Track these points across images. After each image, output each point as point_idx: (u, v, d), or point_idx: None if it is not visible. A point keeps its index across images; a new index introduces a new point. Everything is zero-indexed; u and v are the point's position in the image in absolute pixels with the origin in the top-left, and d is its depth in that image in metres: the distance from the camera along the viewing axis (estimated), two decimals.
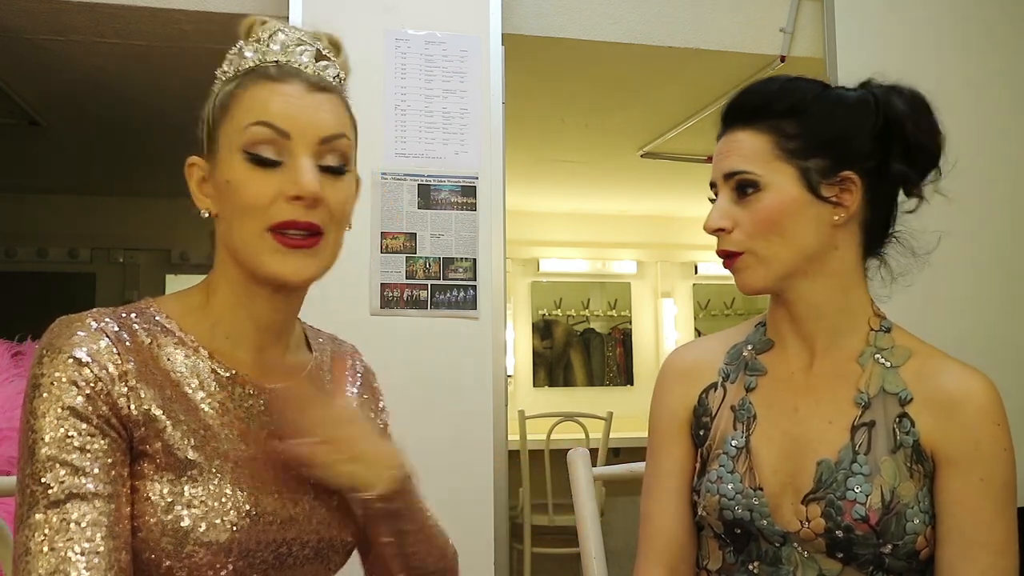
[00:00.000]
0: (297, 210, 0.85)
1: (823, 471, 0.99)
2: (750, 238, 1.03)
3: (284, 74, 0.89)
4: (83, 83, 2.92)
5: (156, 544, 0.80)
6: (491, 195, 2.15)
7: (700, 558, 1.10)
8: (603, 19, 2.48)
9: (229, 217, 0.88)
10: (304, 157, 0.86)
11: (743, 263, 1.04)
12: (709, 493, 1.05)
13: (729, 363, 1.12)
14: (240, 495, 0.84)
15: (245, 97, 0.88)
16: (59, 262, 4.68)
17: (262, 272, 0.87)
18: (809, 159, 1.02)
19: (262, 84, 0.88)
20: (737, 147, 1.05)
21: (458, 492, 2.01)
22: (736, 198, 1.05)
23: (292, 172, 0.85)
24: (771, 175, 1.02)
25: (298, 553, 0.88)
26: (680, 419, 1.12)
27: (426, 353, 2.07)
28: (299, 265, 0.86)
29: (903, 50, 2.52)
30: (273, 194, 0.85)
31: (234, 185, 0.86)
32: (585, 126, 3.48)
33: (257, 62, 0.91)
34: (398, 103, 2.13)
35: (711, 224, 1.06)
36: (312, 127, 0.87)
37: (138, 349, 0.85)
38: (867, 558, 0.97)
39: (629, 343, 5.31)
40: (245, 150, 0.86)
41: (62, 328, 0.83)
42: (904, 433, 0.99)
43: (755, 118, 1.04)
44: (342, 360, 1.06)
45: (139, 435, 0.82)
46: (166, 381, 0.85)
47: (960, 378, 1.00)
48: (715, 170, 1.08)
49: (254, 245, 0.86)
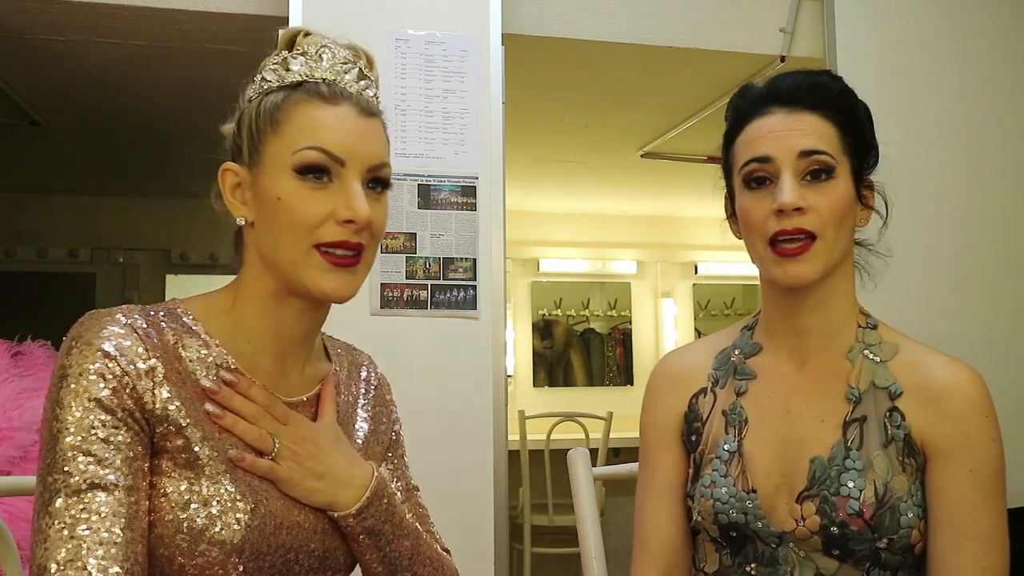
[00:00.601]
0: (347, 232, 0.88)
1: (816, 468, 1.00)
2: (824, 224, 0.99)
3: (335, 95, 0.91)
4: (83, 83, 2.92)
5: (171, 541, 0.81)
6: (491, 195, 2.15)
7: (696, 561, 1.11)
8: (603, 19, 2.49)
9: (274, 232, 0.89)
10: (355, 182, 0.89)
11: (815, 250, 0.99)
12: (703, 498, 1.05)
13: (718, 368, 1.12)
14: (252, 497, 0.85)
15: (297, 114, 0.90)
16: (59, 262, 4.68)
17: (306, 287, 0.89)
18: (856, 159, 1.04)
19: (315, 104, 0.90)
20: (813, 127, 1.01)
21: (458, 492, 2.01)
22: (805, 180, 1.00)
23: (344, 196, 0.88)
24: (841, 164, 1.01)
25: (304, 562, 0.89)
26: (671, 426, 1.13)
27: (426, 353, 2.07)
28: (343, 282, 0.89)
29: (902, 50, 2.52)
30: (324, 215, 0.88)
31: (285, 203, 0.88)
32: (585, 126, 3.48)
33: (305, 77, 0.92)
34: (398, 103, 2.13)
35: (792, 201, 0.97)
36: (364, 154, 0.90)
37: (164, 348, 0.86)
38: (863, 554, 0.97)
39: (629, 343, 5.31)
40: (297, 170, 0.88)
41: (92, 321, 0.84)
42: (895, 427, 1.00)
43: (820, 105, 1.02)
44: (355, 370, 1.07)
45: (160, 431, 0.83)
46: (188, 380, 0.87)
47: (948, 371, 1.01)
48: (780, 145, 1.00)
49: (300, 262, 0.88)
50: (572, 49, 2.54)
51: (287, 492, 0.89)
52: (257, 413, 0.90)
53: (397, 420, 1.10)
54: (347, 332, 1.14)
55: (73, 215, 4.70)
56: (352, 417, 1.03)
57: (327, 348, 1.05)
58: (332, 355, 1.05)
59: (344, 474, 0.92)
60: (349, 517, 0.92)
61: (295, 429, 0.92)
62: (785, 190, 0.98)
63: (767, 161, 1.00)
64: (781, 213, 0.98)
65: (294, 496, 0.90)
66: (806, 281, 1.00)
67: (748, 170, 1.02)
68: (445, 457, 2.01)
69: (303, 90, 0.91)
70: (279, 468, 0.88)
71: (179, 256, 4.77)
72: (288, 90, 0.91)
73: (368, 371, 1.09)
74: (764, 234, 1.00)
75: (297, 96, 0.91)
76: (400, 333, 2.07)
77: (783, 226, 0.98)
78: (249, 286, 0.93)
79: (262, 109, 0.92)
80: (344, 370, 1.05)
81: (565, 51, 2.56)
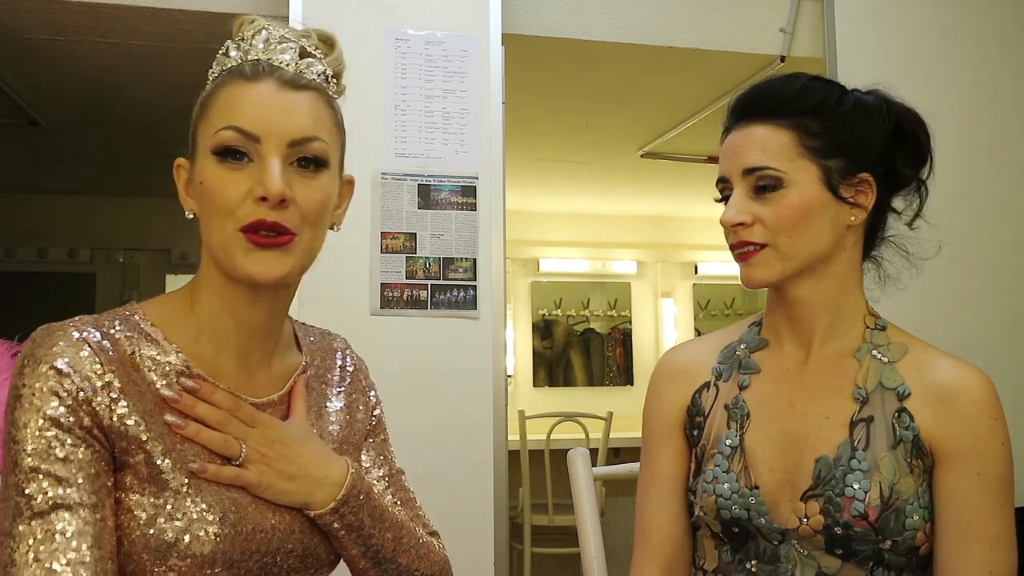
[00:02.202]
0: (264, 210, 0.84)
1: (821, 468, 1.00)
2: (774, 233, 1.01)
3: (258, 73, 0.87)
4: (83, 83, 2.92)
5: (139, 557, 0.79)
6: (491, 195, 2.15)
7: (696, 558, 1.10)
8: (603, 19, 2.49)
9: (206, 219, 0.87)
10: (272, 158, 0.85)
11: (762, 257, 1.02)
12: (705, 493, 1.05)
13: (722, 362, 1.12)
14: (219, 507, 0.83)
15: (220, 97, 0.87)
16: (59, 262, 4.68)
17: (235, 272, 0.86)
18: (830, 159, 1.02)
19: (237, 84, 0.87)
20: (759, 142, 1.02)
21: (458, 492, 2.01)
22: (755, 194, 1.02)
23: (259, 173, 0.84)
24: (795, 172, 1.01)
25: (283, 563, 0.88)
26: (673, 420, 1.13)
27: (426, 353, 2.07)
28: (269, 264, 0.85)
29: (903, 50, 2.52)
30: (242, 195, 0.84)
31: (206, 186, 0.86)
32: (585, 126, 3.48)
33: (239, 60, 0.90)
34: (398, 103, 2.13)
35: (732, 218, 1.02)
36: (282, 128, 0.85)
37: (120, 359, 0.84)
38: (866, 554, 0.97)
39: (629, 343, 5.31)
40: (214, 152, 0.85)
41: (43, 338, 0.82)
42: (904, 428, 0.99)
43: (775, 114, 1.03)
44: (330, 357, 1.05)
45: (121, 446, 0.81)
46: (147, 391, 0.84)
47: (956, 373, 1.01)
48: (731, 164, 1.04)
49: (227, 245, 0.85)
50: (572, 49, 2.54)
51: (259, 496, 0.87)
52: (221, 418, 0.87)
53: (377, 404, 1.08)
54: (347, 332, 1.14)
55: (73, 215, 4.70)
56: (325, 411, 1.01)
57: (299, 339, 1.03)
58: (303, 345, 1.02)
59: (317, 473, 0.91)
60: (326, 515, 0.90)
61: (263, 431, 0.89)
62: (727, 208, 1.04)
63: (724, 181, 1.06)
64: (731, 227, 1.04)
65: (267, 499, 0.88)
66: (759, 283, 1.04)
67: (719, 189, 1.08)
68: (445, 457, 2.01)
69: (230, 72, 0.89)
70: (247, 474, 0.86)
71: (179, 256, 4.77)
72: (223, 77, 0.89)
73: (343, 357, 1.07)
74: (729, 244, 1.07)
75: (224, 79, 0.88)
76: (400, 333, 2.07)
77: (731, 240, 1.05)
78: (202, 282, 0.91)
79: (199, 100, 0.90)
80: (317, 360, 1.03)
81: (565, 51, 2.56)
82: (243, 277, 0.86)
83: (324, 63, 0.93)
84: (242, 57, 0.90)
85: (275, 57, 0.89)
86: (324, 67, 0.92)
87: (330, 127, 0.91)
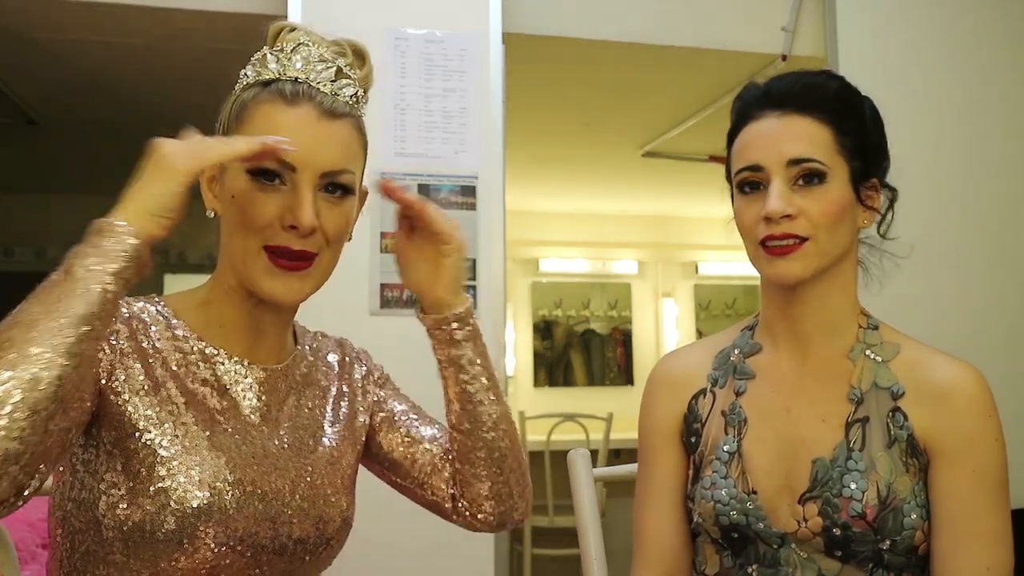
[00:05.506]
0: (292, 238, 0.88)
1: (818, 470, 0.99)
2: (816, 227, 0.99)
3: (297, 96, 0.90)
4: (82, 82, 2.92)
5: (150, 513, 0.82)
6: (491, 195, 2.14)
7: (697, 564, 1.10)
8: (603, 18, 2.48)
9: (229, 229, 0.91)
10: (306, 190, 0.88)
11: (804, 250, 0.99)
12: (704, 499, 1.04)
13: (717, 368, 1.12)
14: (219, 462, 0.86)
15: (258, 115, 0.90)
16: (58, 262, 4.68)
17: (254, 288, 0.90)
18: (855, 160, 1.02)
19: (276, 105, 0.90)
20: (804, 133, 1.00)
21: None
22: (797, 185, 1.00)
23: (293, 200, 0.88)
24: (835, 168, 1.00)
25: (285, 532, 0.90)
26: (670, 428, 1.12)
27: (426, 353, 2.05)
28: (289, 287, 0.90)
29: (904, 49, 2.52)
30: (272, 216, 0.88)
31: (238, 201, 0.89)
32: (585, 125, 3.48)
33: (277, 74, 0.92)
34: (398, 102, 2.13)
35: (782, 208, 0.98)
36: (317, 161, 0.89)
37: (136, 334, 0.89)
38: (866, 555, 0.97)
39: (629, 343, 5.31)
40: (249, 171, 0.88)
41: None
42: (898, 427, 0.99)
43: (817, 107, 1.01)
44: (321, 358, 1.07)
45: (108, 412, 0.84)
46: (156, 358, 0.89)
47: (950, 370, 1.01)
48: (768, 153, 1.00)
49: (249, 261, 0.89)
50: (572, 48, 2.54)
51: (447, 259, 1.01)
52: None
53: (388, 379, 1.14)
54: (347, 332, 1.14)
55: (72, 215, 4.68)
56: (320, 419, 1.01)
57: (296, 335, 1.05)
58: (300, 338, 1.05)
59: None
60: (464, 313, 1.05)
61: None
62: (772, 198, 0.99)
63: (758, 169, 1.01)
64: (769, 219, 0.99)
65: (451, 272, 1.01)
66: (795, 278, 1.00)
67: (741, 178, 1.03)
68: None
69: (269, 89, 0.91)
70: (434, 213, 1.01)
71: (177, 256, 4.78)
72: (259, 87, 0.92)
73: (343, 350, 1.09)
74: (754, 238, 1.02)
75: (263, 95, 0.91)
76: (400, 333, 2.05)
77: (771, 231, 1.00)
78: (219, 277, 0.94)
79: (234, 105, 0.93)
80: (309, 353, 1.05)
81: (565, 50, 2.56)
82: (262, 295, 0.90)
83: (356, 83, 0.96)
84: (280, 72, 0.92)
85: (314, 77, 0.92)
86: (356, 88, 0.96)
87: (357, 153, 0.96)
